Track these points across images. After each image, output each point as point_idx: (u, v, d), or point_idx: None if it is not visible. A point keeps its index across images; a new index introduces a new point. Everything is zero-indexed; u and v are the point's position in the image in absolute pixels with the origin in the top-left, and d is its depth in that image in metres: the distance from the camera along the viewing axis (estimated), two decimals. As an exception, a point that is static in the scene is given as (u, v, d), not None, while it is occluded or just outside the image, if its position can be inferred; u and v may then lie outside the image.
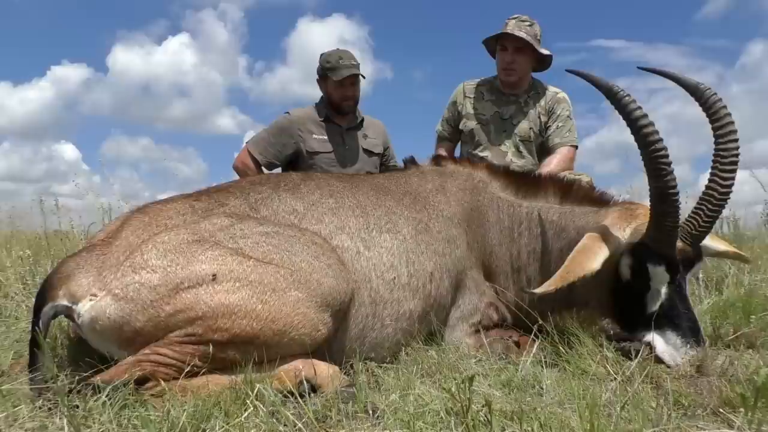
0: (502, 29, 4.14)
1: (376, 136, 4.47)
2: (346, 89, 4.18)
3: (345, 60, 4.13)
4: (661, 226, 2.29)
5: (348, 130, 4.32)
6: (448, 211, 2.76)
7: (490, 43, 4.29)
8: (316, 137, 4.21)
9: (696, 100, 2.37)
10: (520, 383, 2.06)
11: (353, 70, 4.12)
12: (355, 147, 4.34)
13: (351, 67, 4.12)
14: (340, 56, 4.15)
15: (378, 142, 4.46)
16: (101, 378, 1.78)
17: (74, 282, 1.92)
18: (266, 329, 1.91)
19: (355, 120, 4.37)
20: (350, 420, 1.73)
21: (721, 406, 1.81)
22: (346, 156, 4.28)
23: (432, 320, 2.54)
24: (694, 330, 2.32)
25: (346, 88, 4.17)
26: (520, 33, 4.02)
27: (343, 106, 4.24)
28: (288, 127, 4.22)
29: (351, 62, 4.15)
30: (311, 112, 4.31)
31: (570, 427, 1.61)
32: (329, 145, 4.23)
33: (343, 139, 4.29)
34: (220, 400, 1.75)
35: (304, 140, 4.20)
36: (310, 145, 4.20)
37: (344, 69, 4.10)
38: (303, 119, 4.25)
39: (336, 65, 4.12)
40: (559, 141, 4.15)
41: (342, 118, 4.31)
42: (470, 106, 4.35)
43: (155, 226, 2.12)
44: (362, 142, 4.37)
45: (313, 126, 4.24)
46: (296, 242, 2.14)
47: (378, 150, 4.45)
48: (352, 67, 4.13)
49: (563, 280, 2.33)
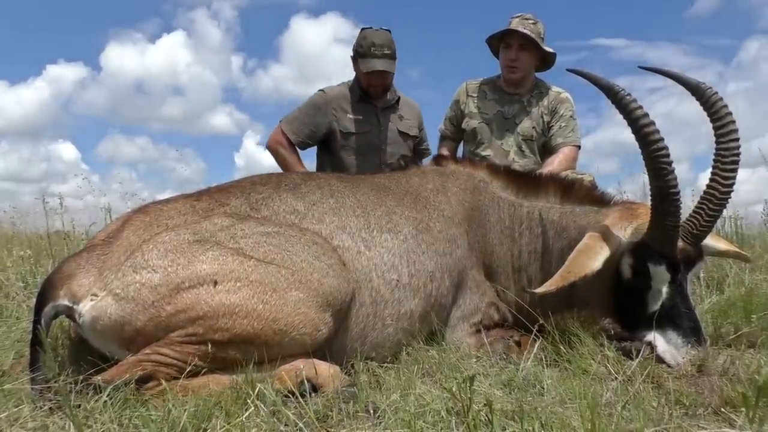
0: (506, 27, 4.14)
1: (412, 117, 4.37)
2: (373, 79, 4.06)
3: (377, 49, 3.95)
4: (662, 226, 2.29)
5: (383, 110, 4.22)
6: (449, 211, 2.76)
7: (494, 41, 4.29)
8: (350, 117, 4.12)
9: (697, 99, 2.37)
10: (521, 383, 2.06)
11: (382, 65, 3.95)
12: (392, 129, 4.23)
13: (382, 58, 3.95)
14: (373, 42, 3.95)
15: (414, 123, 4.37)
16: (102, 378, 1.79)
17: (75, 282, 1.93)
18: (267, 329, 1.91)
19: (390, 100, 4.24)
20: (351, 420, 1.73)
21: (723, 405, 1.81)
22: (381, 138, 4.19)
23: (433, 320, 2.53)
24: (695, 329, 2.32)
25: (373, 78, 4.05)
26: (524, 30, 4.02)
27: (369, 92, 4.15)
28: (322, 106, 4.12)
29: (384, 51, 3.97)
30: (346, 91, 4.20)
31: (571, 427, 1.61)
32: (365, 126, 4.14)
33: (378, 119, 4.19)
34: (221, 399, 1.76)
35: (338, 120, 4.11)
36: (345, 125, 4.11)
37: (374, 60, 3.95)
38: (338, 98, 4.15)
39: (367, 52, 3.96)
40: (562, 141, 4.14)
41: (377, 97, 4.19)
42: (473, 105, 4.35)
43: (156, 226, 2.12)
44: (398, 123, 4.26)
45: (347, 105, 4.13)
46: (297, 242, 2.14)
47: (413, 132, 4.36)
48: (383, 57, 3.96)
49: (564, 279, 2.33)
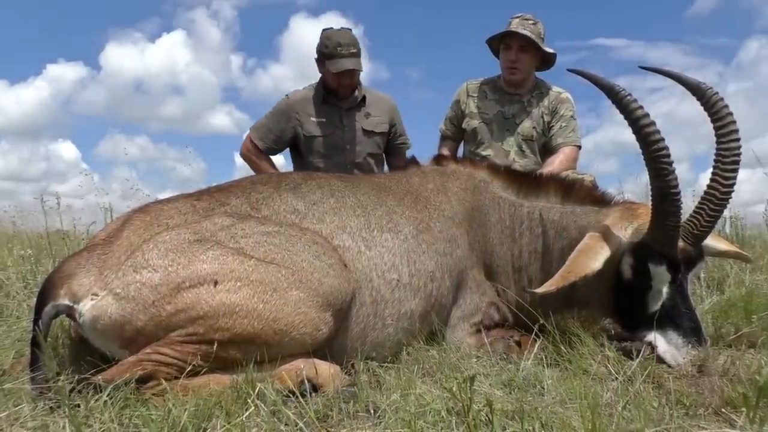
0: (505, 28, 4.14)
1: (381, 113, 4.33)
2: (342, 79, 4.06)
3: (344, 48, 3.96)
4: (662, 226, 2.29)
5: (347, 111, 4.21)
6: (450, 211, 2.76)
7: (494, 42, 4.28)
8: (314, 120, 4.12)
9: (698, 99, 2.37)
10: (522, 383, 2.06)
11: (351, 64, 3.97)
12: (356, 128, 4.22)
13: (350, 57, 3.97)
14: (339, 42, 3.96)
15: (383, 119, 4.33)
16: (102, 377, 1.79)
17: (76, 281, 1.93)
18: (267, 329, 1.91)
19: (355, 100, 4.23)
20: (351, 419, 1.73)
21: (723, 405, 1.81)
22: (345, 138, 4.19)
23: (433, 320, 2.53)
24: (695, 330, 2.32)
25: (342, 78, 4.05)
26: (524, 31, 4.01)
27: (338, 92, 4.15)
28: (286, 111, 4.15)
29: (351, 50, 3.98)
30: (310, 94, 4.21)
31: (571, 427, 1.61)
32: (328, 128, 4.14)
33: (342, 120, 4.18)
34: (221, 399, 1.76)
35: (302, 124, 4.12)
36: (308, 129, 4.13)
37: (342, 60, 3.95)
38: (302, 102, 4.16)
39: (334, 52, 3.96)
40: (562, 141, 4.14)
41: (341, 98, 4.19)
42: (473, 105, 4.35)
43: (156, 226, 2.11)
44: (362, 122, 4.25)
45: (311, 108, 4.14)
46: (297, 242, 2.14)
47: (382, 129, 4.31)
48: (351, 57, 3.97)
49: (564, 279, 2.33)
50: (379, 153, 4.41)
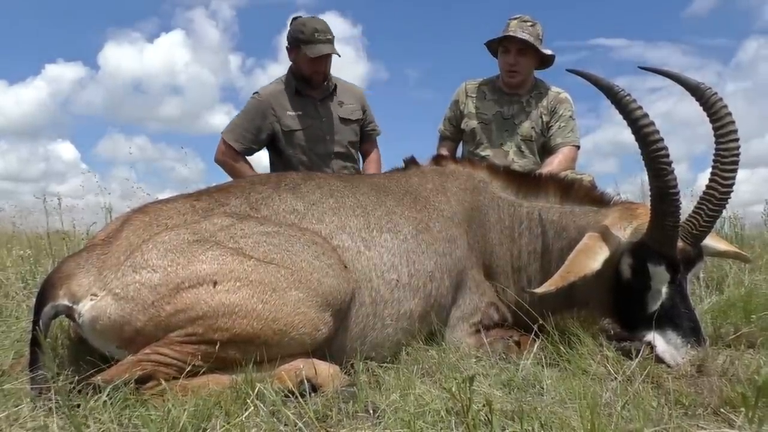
0: (503, 30, 4.13)
1: (353, 101, 4.31)
2: (319, 65, 4.01)
3: (321, 34, 3.92)
4: (661, 226, 2.29)
5: (322, 101, 4.17)
6: (449, 211, 2.76)
7: (493, 43, 4.28)
8: (290, 114, 4.07)
9: (697, 99, 2.37)
10: (521, 383, 2.06)
11: (329, 49, 3.94)
12: (332, 118, 4.19)
13: (327, 43, 3.94)
14: (315, 28, 3.91)
15: (356, 107, 4.31)
16: (102, 377, 1.79)
17: (75, 282, 1.93)
18: (267, 329, 1.91)
19: (327, 89, 4.20)
20: (351, 419, 1.73)
21: (722, 405, 1.81)
22: (324, 129, 4.15)
23: (432, 320, 2.54)
24: (694, 330, 2.32)
25: (318, 64, 4.00)
26: (522, 35, 4.00)
27: (312, 80, 4.09)
28: (260, 108, 4.07)
29: (327, 36, 3.95)
30: (281, 88, 4.15)
31: (571, 427, 1.61)
32: (306, 120, 4.10)
33: (318, 111, 4.14)
34: (220, 399, 1.76)
35: (279, 119, 4.06)
36: (286, 124, 4.07)
37: (320, 45, 3.91)
38: (275, 96, 4.10)
39: (311, 38, 3.91)
40: (561, 141, 4.14)
41: (313, 89, 4.15)
42: (472, 105, 4.35)
43: (156, 226, 2.12)
44: (338, 110, 4.22)
45: (286, 102, 4.08)
46: (297, 242, 2.14)
47: (357, 116, 4.30)
48: (327, 42, 3.94)
49: (564, 279, 2.33)
50: (356, 141, 4.39)
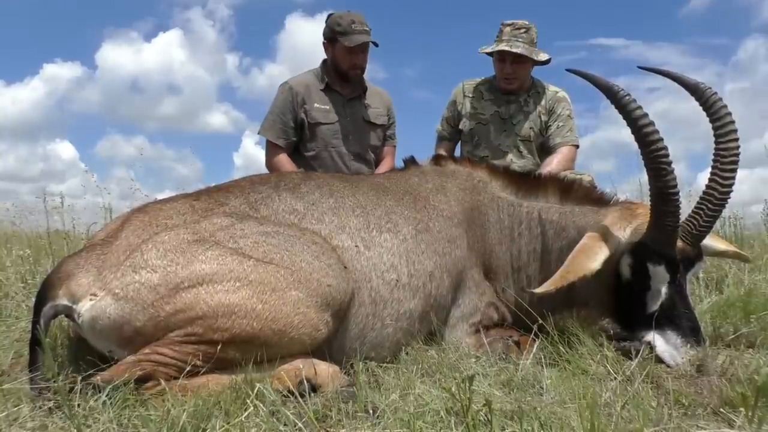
0: (497, 37, 4.10)
1: (381, 105, 4.26)
2: (357, 57, 3.95)
3: (358, 25, 3.87)
4: (661, 226, 2.29)
5: (350, 100, 4.12)
6: (448, 211, 2.76)
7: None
8: (318, 106, 4.00)
9: (696, 99, 2.37)
10: (520, 383, 2.06)
11: (367, 37, 3.88)
12: (358, 118, 4.13)
13: (364, 33, 3.88)
14: (352, 20, 3.87)
15: (382, 112, 4.26)
16: (101, 377, 1.78)
17: (74, 282, 1.92)
18: (266, 329, 1.91)
19: (358, 89, 4.15)
20: (350, 419, 1.73)
21: (722, 405, 1.81)
22: (348, 127, 4.08)
23: (432, 320, 2.53)
24: (694, 329, 2.32)
25: (356, 56, 3.94)
26: (517, 47, 3.95)
27: (350, 74, 4.03)
28: (290, 98, 4.01)
29: (364, 27, 3.90)
30: (312, 80, 4.08)
31: (570, 427, 1.61)
32: (332, 116, 4.02)
33: (344, 109, 4.08)
34: (220, 399, 1.75)
35: (307, 111, 3.99)
36: (313, 116, 4.00)
37: (357, 35, 3.85)
38: (305, 86, 4.03)
39: (348, 29, 3.86)
40: (560, 140, 4.14)
41: (344, 86, 4.09)
42: (470, 105, 4.34)
43: (155, 226, 2.11)
44: (364, 113, 4.16)
45: (315, 94, 4.02)
46: (296, 242, 2.14)
47: (381, 121, 4.25)
48: (365, 33, 3.88)
49: (563, 279, 2.33)
50: (378, 146, 4.33)
